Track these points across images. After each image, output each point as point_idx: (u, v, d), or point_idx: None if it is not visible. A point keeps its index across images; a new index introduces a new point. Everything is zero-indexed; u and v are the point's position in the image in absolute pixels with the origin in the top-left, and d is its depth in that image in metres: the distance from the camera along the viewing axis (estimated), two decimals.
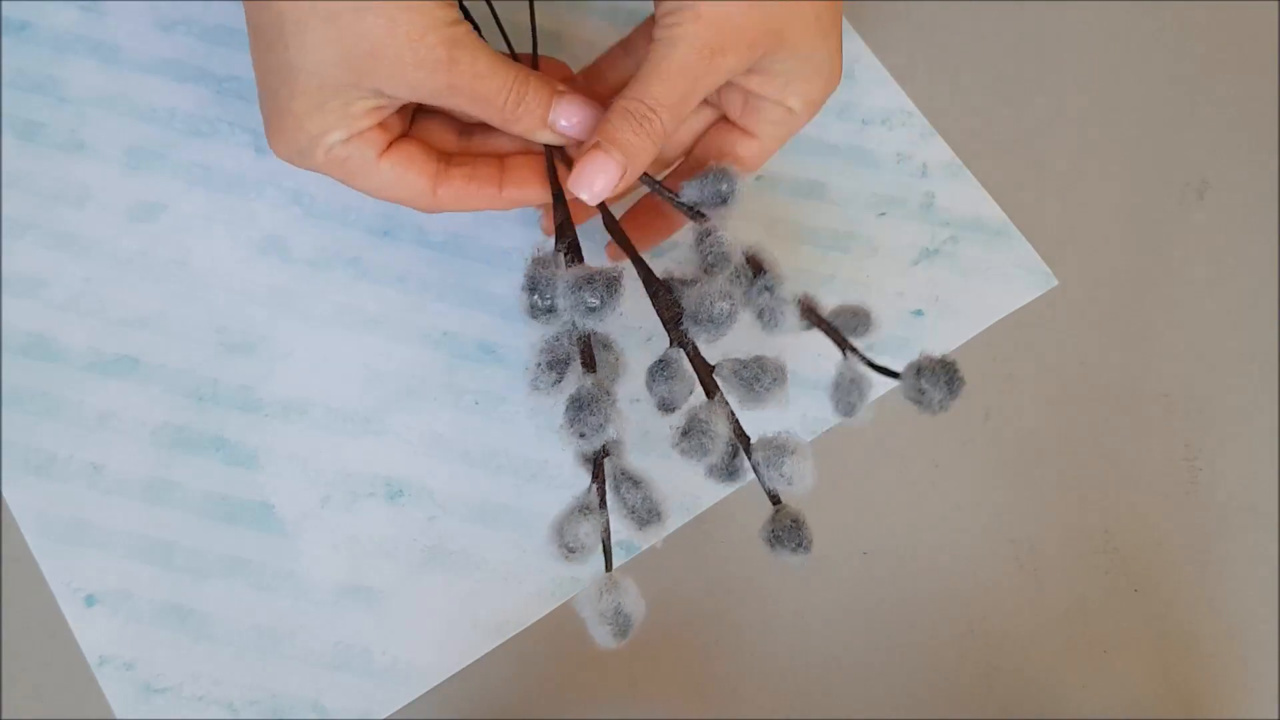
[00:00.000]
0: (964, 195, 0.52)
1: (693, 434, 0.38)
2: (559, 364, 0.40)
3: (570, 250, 0.41)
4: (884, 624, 0.46)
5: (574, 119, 0.41)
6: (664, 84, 0.40)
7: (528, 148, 0.43)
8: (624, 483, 0.39)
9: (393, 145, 0.41)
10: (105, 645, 0.43)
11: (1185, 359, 0.50)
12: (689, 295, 0.40)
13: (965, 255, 0.51)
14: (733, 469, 0.41)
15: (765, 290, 0.40)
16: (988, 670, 0.46)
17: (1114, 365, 0.50)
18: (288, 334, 0.48)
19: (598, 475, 0.38)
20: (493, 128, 0.42)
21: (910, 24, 0.55)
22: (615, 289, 0.39)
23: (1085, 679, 0.46)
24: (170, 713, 0.43)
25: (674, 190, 0.42)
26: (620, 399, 0.48)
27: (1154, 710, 0.45)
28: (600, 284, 0.39)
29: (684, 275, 0.41)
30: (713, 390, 0.39)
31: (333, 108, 0.39)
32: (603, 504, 0.38)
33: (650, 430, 0.47)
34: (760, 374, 0.39)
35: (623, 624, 0.37)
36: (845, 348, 0.40)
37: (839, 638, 0.46)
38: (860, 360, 0.40)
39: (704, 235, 0.40)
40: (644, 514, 0.39)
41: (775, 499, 0.39)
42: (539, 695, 0.44)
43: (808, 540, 0.39)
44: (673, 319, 0.40)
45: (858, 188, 0.52)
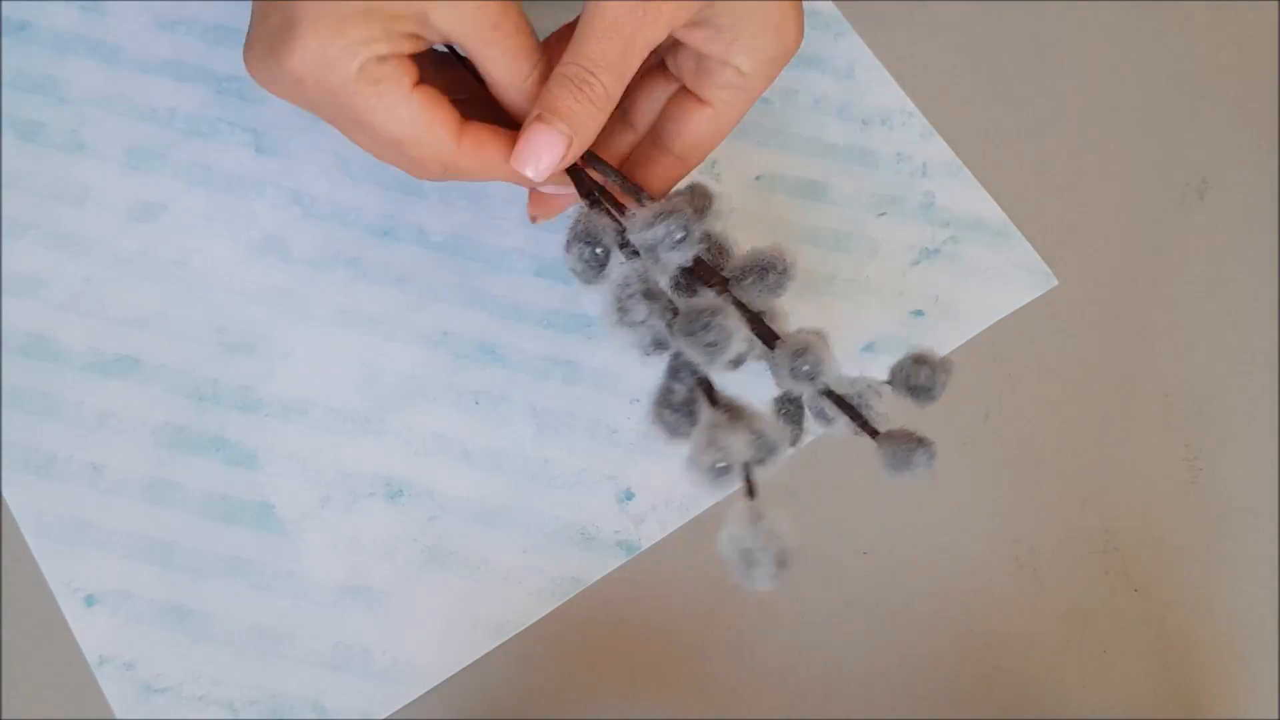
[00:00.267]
0: (964, 195, 0.52)
1: (706, 327, 0.36)
2: (652, 294, 0.37)
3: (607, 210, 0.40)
4: (884, 624, 0.46)
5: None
6: (599, 42, 0.38)
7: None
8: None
9: (421, 83, 0.38)
10: (105, 645, 0.43)
11: (1185, 359, 0.51)
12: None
13: (965, 255, 0.51)
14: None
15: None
16: (988, 670, 0.46)
17: (1114, 365, 0.50)
18: (288, 334, 0.48)
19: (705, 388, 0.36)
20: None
21: (910, 24, 0.55)
22: (705, 212, 0.38)
23: (1085, 679, 0.46)
24: (170, 713, 0.43)
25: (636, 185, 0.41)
26: (622, 396, 0.48)
27: (1154, 710, 0.45)
28: (679, 216, 0.37)
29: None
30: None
31: (380, 17, 0.36)
32: (742, 416, 0.35)
33: (649, 431, 0.47)
34: (770, 266, 0.38)
35: (782, 555, 0.33)
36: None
37: (839, 638, 0.46)
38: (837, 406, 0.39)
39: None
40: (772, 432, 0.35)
41: (793, 399, 0.38)
42: (539, 695, 0.44)
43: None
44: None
45: (858, 188, 0.52)
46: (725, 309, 0.36)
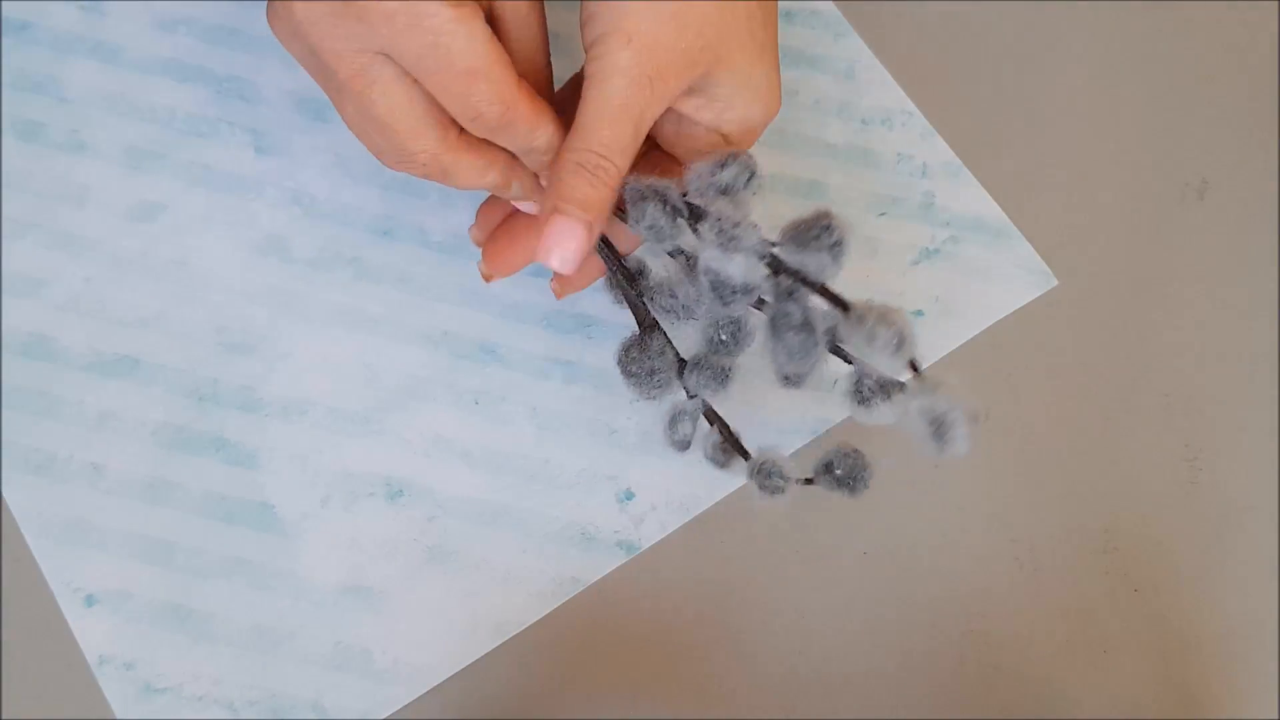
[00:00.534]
0: (964, 195, 0.52)
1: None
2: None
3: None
4: (884, 624, 0.46)
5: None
6: (612, 127, 0.38)
7: None
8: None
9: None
10: (105, 645, 0.43)
11: (1185, 359, 0.50)
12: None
13: (965, 255, 0.51)
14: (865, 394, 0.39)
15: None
16: (988, 670, 0.46)
17: (1114, 365, 0.50)
18: (288, 334, 0.48)
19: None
20: None
21: (910, 24, 0.55)
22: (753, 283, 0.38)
23: (1085, 679, 0.46)
24: (170, 713, 0.43)
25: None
26: (621, 396, 0.48)
27: (1154, 710, 0.45)
28: (742, 158, 0.38)
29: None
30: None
31: None
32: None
33: (649, 431, 0.47)
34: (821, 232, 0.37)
35: (972, 411, 0.34)
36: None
37: (839, 638, 0.46)
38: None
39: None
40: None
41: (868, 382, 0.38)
42: (539, 695, 0.44)
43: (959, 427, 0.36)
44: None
45: (858, 188, 0.52)
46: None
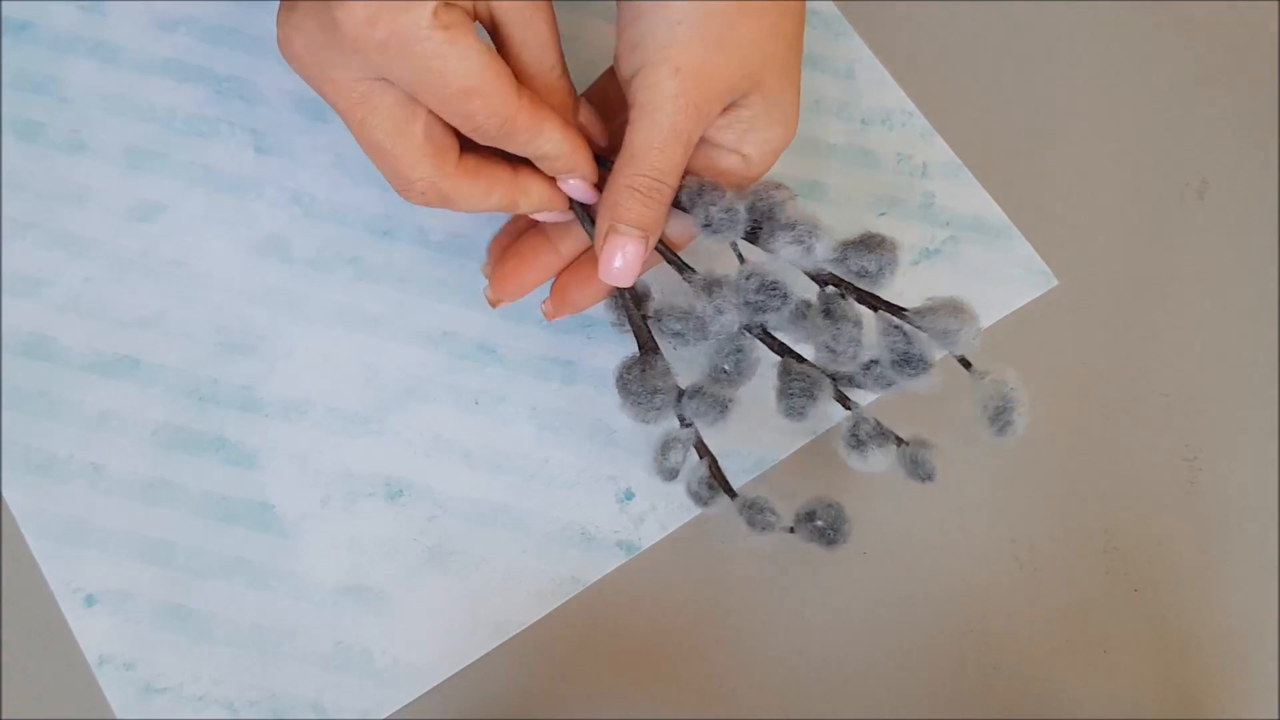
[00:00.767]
0: (964, 195, 0.52)
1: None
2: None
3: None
4: (884, 624, 0.46)
5: (579, 193, 0.42)
6: (662, 152, 0.40)
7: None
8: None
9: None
10: (105, 645, 0.43)
11: (1185, 359, 0.50)
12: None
13: (965, 255, 0.51)
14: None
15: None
16: (988, 670, 0.46)
17: (1114, 365, 0.50)
18: (288, 334, 0.48)
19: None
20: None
21: (910, 24, 0.55)
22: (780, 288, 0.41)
23: (1085, 679, 0.46)
24: (170, 713, 0.43)
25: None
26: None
27: (1154, 710, 0.45)
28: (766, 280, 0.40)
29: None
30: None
31: None
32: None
33: (649, 432, 0.47)
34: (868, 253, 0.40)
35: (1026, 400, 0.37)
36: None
37: (839, 638, 0.46)
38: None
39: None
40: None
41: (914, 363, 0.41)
42: (539, 695, 0.44)
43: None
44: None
45: (858, 188, 0.52)
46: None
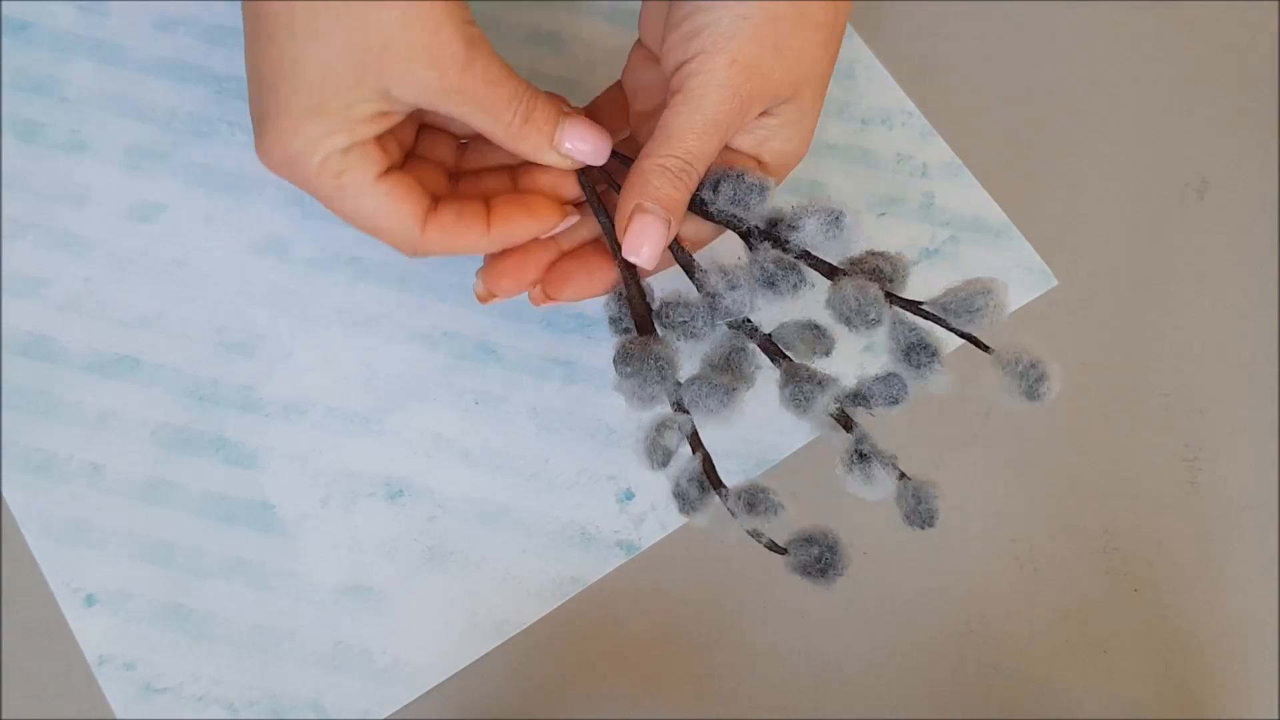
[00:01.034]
0: (964, 195, 0.52)
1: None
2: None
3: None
4: (884, 624, 0.46)
5: (581, 142, 0.40)
6: (700, 138, 0.39)
7: (513, 188, 0.42)
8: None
9: (389, 172, 0.39)
10: (105, 645, 0.43)
11: (1185, 359, 0.51)
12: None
13: (965, 255, 0.51)
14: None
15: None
16: (988, 670, 0.46)
17: (1114, 365, 0.50)
18: (288, 334, 0.48)
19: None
20: (484, 159, 0.41)
21: (910, 24, 0.55)
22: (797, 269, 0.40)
23: (1085, 679, 0.46)
24: (170, 713, 0.43)
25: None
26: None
27: (1154, 710, 0.46)
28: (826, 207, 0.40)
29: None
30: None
31: (334, 109, 0.37)
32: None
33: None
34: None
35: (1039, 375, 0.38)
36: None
37: (839, 637, 0.46)
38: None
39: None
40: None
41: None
42: (539, 695, 0.44)
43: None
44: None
45: (858, 188, 0.52)
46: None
